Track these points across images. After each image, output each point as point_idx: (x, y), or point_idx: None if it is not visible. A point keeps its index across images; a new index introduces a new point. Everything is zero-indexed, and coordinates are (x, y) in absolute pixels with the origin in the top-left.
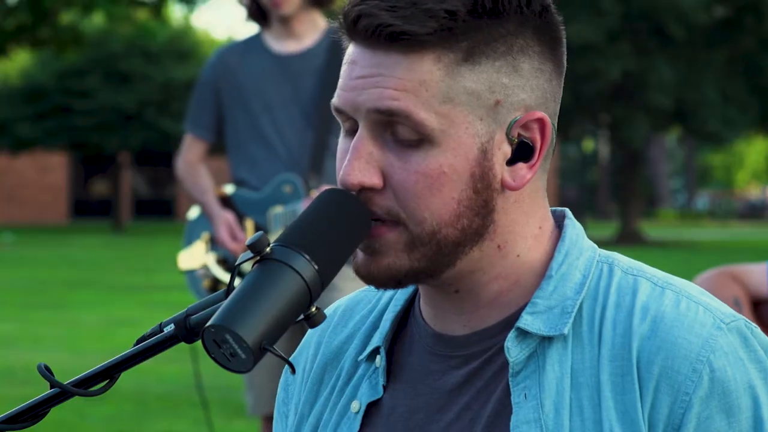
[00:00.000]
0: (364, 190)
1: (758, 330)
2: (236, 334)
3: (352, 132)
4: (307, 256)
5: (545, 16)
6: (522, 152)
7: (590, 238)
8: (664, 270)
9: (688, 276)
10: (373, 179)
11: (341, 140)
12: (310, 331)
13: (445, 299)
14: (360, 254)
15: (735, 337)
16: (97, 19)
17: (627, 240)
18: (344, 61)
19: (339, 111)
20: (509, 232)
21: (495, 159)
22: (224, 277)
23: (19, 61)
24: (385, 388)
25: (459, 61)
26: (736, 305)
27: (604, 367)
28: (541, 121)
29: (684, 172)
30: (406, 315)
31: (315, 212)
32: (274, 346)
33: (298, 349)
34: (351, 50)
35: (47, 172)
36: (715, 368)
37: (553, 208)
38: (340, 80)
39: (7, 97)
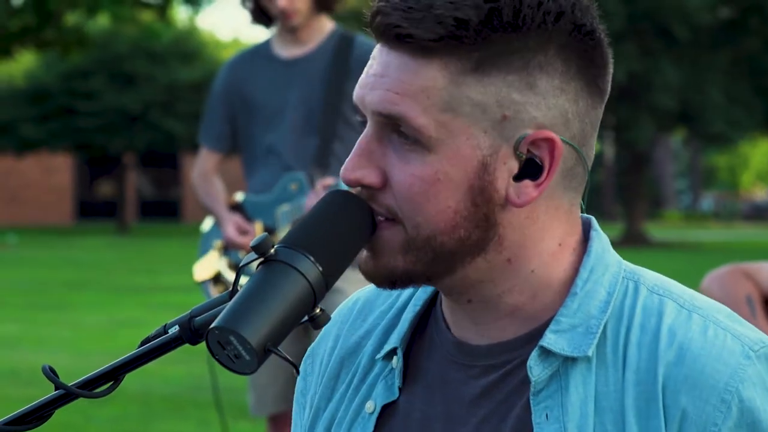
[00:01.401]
0: (364, 187)
1: None
2: (240, 335)
3: (365, 125)
4: (312, 258)
5: (576, 35)
6: (530, 169)
7: None
8: (670, 272)
9: (695, 277)
10: (370, 177)
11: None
12: (329, 323)
13: (461, 308)
14: (363, 252)
15: (764, 365)
16: (102, 21)
17: (632, 241)
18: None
19: (356, 106)
20: (520, 246)
21: (498, 174)
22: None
23: (24, 62)
24: (400, 390)
25: (467, 71)
26: (748, 303)
27: (629, 392)
28: (550, 141)
29: (689, 173)
30: (426, 315)
31: (319, 213)
32: (279, 348)
33: (316, 340)
34: (376, 46)
35: (52, 173)
36: (744, 398)
37: (582, 215)
38: (363, 73)
39: (11, 98)
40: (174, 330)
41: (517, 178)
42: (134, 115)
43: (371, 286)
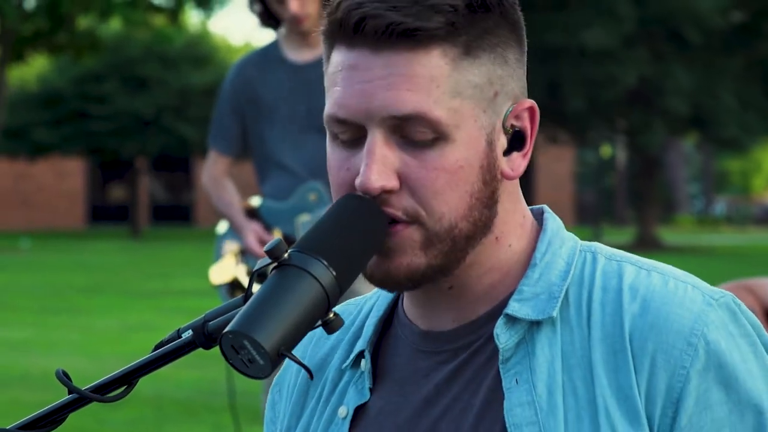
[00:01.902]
0: (382, 192)
1: (744, 306)
2: (254, 339)
3: (350, 142)
4: (325, 262)
5: (515, 7)
6: (515, 142)
7: (607, 243)
8: None
9: (708, 282)
10: (392, 181)
11: (334, 150)
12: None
13: (437, 296)
14: (373, 257)
15: (725, 312)
16: (115, 25)
17: (644, 245)
18: (335, 69)
19: (342, 122)
20: (504, 222)
21: (498, 150)
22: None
23: (37, 66)
24: (371, 391)
25: (461, 55)
26: None
27: (596, 347)
28: (531, 109)
29: (701, 177)
30: (389, 319)
31: (332, 218)
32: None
33: (282, 368)
34: (346, 56)
35: (64, 177)
36: (710, 341)
37: (531, 207)
38: (338, 89)
39: (24, 102)
40: (187, 334)
41: (507, 152)
42: (147, 119)
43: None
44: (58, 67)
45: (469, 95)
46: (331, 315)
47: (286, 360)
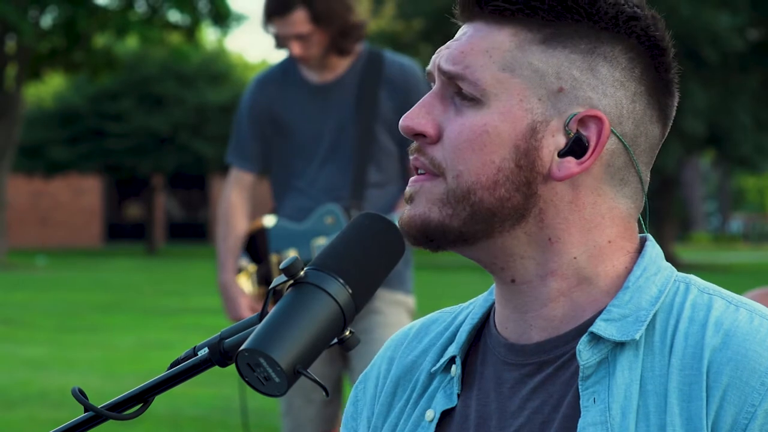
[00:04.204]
0: (419, 138)
1: None
2: (270, 357)
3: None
4: (341, 280)
5: (646, 42)
6: (576, 147)
7: None
8: None
9: None
10: (426, 127)
11: None
12: (383, 348)
13: (507, 294)
14: (405, 206)
15: None
16: (131, 43)
17: None
18: None
19: (428, 73)
20: (563, 230)
21: (544, 143)
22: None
23: (53, 84)
24: (459, 397)
25: (535, 41)
26: None
27: (673, 376)
28: (599, 121)
29: (718, 195)
30: (481, 330)
31: (349, 236)
32: (308, 370)
33: (370, 365)
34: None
35: (81, 195)
36: None
37: (640, 234)
38: None
39: (41, 120)
40: (203, 352)
41: (563, 154)
42: (163, 136)
43: (425, 317)
44: (74, 85)
45: (524, 75)
46: (347, 333)
47: (376, 357)
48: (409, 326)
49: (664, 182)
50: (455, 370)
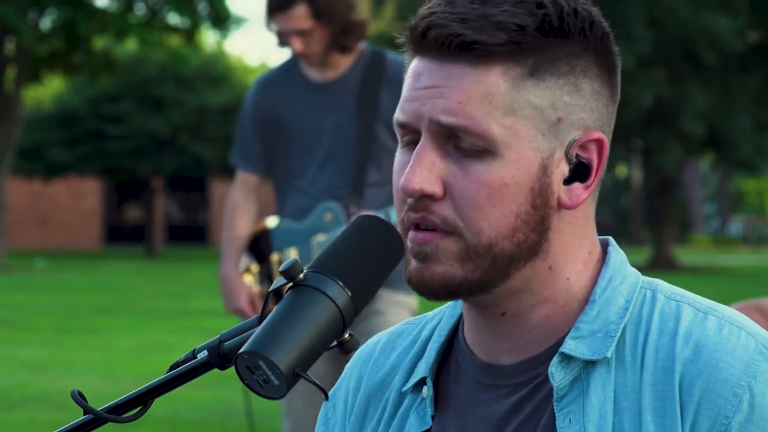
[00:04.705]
0: (423, 197)
1: None
2: (269, 360)
3: (412, 144)
4: (341, 283)
5: (605, 42)
6: (579, 172)
7: None
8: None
9: (723, 303)
10: (434, 187)
11: (399, 153)
12: (349, 364)
13: (492, 324)
14: (412, 262)
15: None
16: (130, 45)
17: (660, 265)
18: (407, 75)
19: (402, 125)
20: (561, 253)
21: (554, 176)
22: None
23: (53, 86)
24: (433, 418)
25: (525, 76)
26: None
27: (646, 392)
28: (599, 142)
29: (717, 197)
30: (449, 345)
31: (348, 239)
32: (308, 372)
33: (337, 382)
34: (416, 64)
35: (80, 197)
36: (756, 394)
37: (600, 237)
38: (404, 93)
39: (40, 122)
40: (203, 355)
41: (568, 181)
42: (163, 139)
43: (390, 329)
44: (74, 87)
45: (525, 115)
46: (347, 335)
47: (343, 373)
48: (375, 341)
49: (664, 184)
50: (426, 391)
